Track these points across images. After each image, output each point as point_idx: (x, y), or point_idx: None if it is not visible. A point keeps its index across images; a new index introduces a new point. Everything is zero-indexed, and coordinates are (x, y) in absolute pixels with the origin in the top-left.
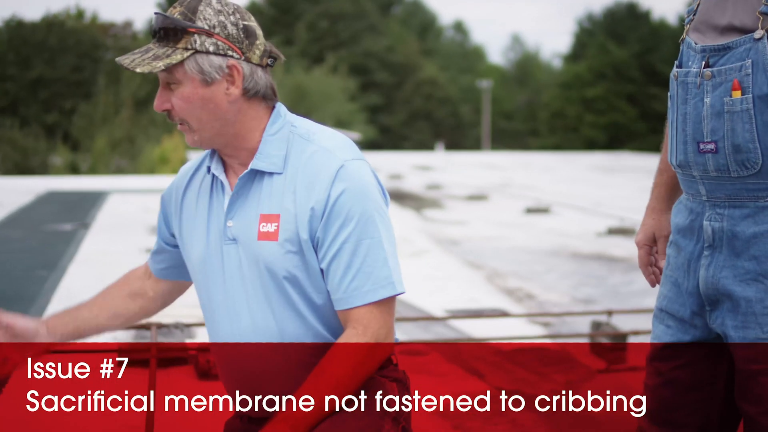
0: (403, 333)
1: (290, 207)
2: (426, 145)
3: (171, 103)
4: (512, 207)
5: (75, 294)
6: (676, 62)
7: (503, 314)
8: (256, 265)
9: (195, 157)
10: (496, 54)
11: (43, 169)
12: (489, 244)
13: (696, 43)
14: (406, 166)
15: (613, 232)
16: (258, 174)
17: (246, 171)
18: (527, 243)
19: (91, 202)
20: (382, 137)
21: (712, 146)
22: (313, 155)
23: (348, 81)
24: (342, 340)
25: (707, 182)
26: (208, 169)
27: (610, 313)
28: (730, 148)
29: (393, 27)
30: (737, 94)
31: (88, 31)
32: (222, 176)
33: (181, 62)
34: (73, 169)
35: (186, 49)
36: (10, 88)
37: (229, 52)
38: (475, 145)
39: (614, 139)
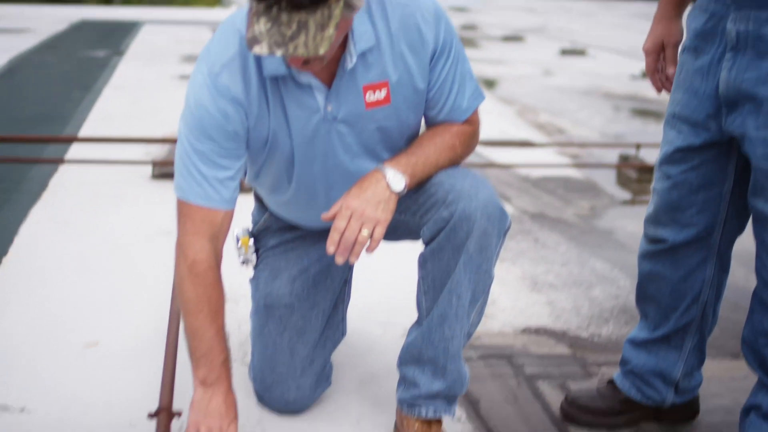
0: None
1: (399, 67)
2: None
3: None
4: (548, 48)
5: (110, 115)
6: None
7: (531, 144)
8: (367, 133)
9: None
10: None
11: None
12: (522, 83)
13: None
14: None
15: None
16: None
17: (352, 64)
18: (561, 83)
19: (124, 31)
20: None
21: None
22: (404, 13)
23: None
24: (447, 125)
25: None
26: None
27: (638, 146)
28: None
29: None
30: None
31: None
32: (307, 77)
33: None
34: (107, 1)
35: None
36: None
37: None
38: None
39: None
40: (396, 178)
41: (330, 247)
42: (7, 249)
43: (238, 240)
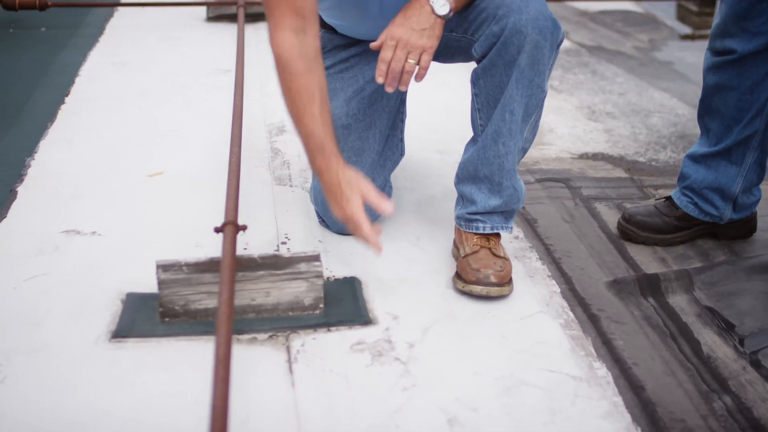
0: None
1: None
2: None
3: None
4: None
5: None
6: None
7: None
8: None
9: None
10: None
11: None
12: None
13: None
14: None
15: None
16: None
17: None
18: None
19: None
20: None
21: None
22: None
23: None
24: None
25: None
26: None
27: None
28: None
29: None
30: None
31: None
32: None
33: None
34: None
35: None
36: None
37: None
38: None
39: None
40: (440, 2)
41: (379, 78)
42: (69, 89)
43: None
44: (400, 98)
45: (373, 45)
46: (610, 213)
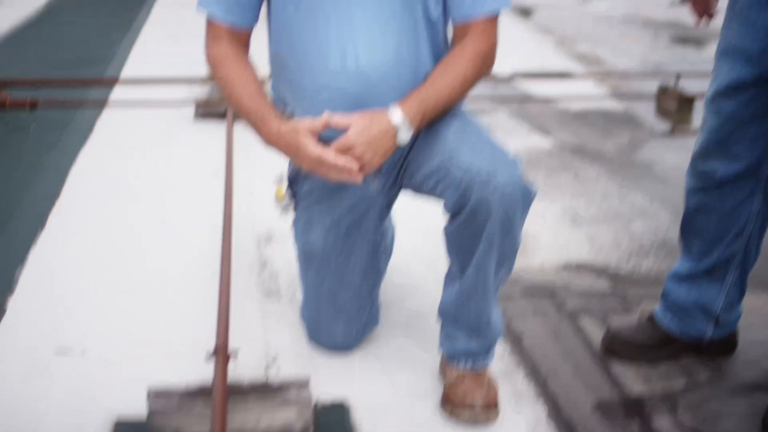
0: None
1: None
2: None
3: None
4: None
5: (150, 54)
6: None
7: (570, 75)
8: None
9: None
10: None
11: None
12: (560, 12)
13: None
14: None
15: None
16: None
17: None
18: (599, 10)
19: None
20: None
21: None
22: None
23: None
24: (464, 45)
25: None
26: None
27: (678, 76)
28: None
29: None
30: None
31: None
32: None
33: None
34: None
35: None
36: None
37: None
38: None
39: None
40: (404, 132)
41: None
42: (59, 190)
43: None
44: (380, 225)
45: (335, 146)
46: (594, 328)
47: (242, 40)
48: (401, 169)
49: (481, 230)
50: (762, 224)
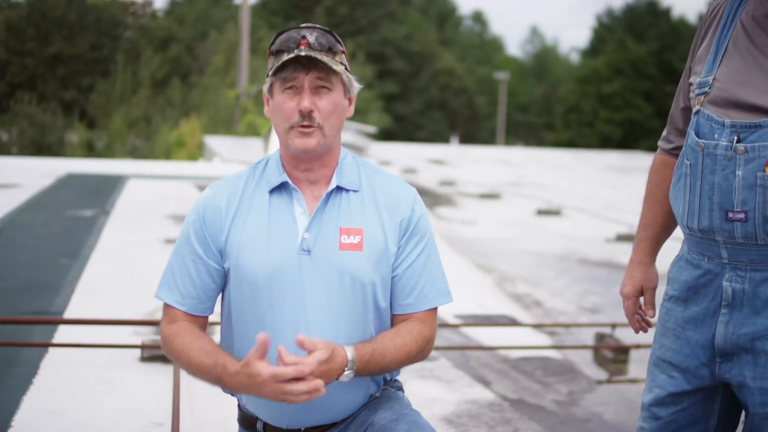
0: None
1: (375, 222)
2: (440, 135)
3: (318, 106)
4: (524, 208)
5: (98, 286)
6: (692, 131)
7: (512, 323)
8: (337, 274)
9: (213, 142)
10: (514, 46)
11: (59, 146)
12: (499, 246)
13: (720, 117)
14: (421, 159)
15: (622, 238)
16: (335, 190)
17: (332, 187)
18: (537, 246)
19: (110, 186)
20: (397, 126)
21: (741, 216)
22: (389, 181)
23: (365, 68)
24: (412, 326)
25: (731, 247)
26: (277, 186)
27: (614, 326)
28: (760, 219)
29: (412, 15)
30: None
31: (108, 9)
32: (298, 194)
33: (339, 72)
34: (90, 147)
35: (341, 63)
36: (29, 64)
37: (355, 83)
38: (490, 136)
39: (629, 136)
40: (348, 372)
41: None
42: None
43: None
44: None
45: (294, 371)
46: None
47: (198, 323)
48: None
49: None
50: None
